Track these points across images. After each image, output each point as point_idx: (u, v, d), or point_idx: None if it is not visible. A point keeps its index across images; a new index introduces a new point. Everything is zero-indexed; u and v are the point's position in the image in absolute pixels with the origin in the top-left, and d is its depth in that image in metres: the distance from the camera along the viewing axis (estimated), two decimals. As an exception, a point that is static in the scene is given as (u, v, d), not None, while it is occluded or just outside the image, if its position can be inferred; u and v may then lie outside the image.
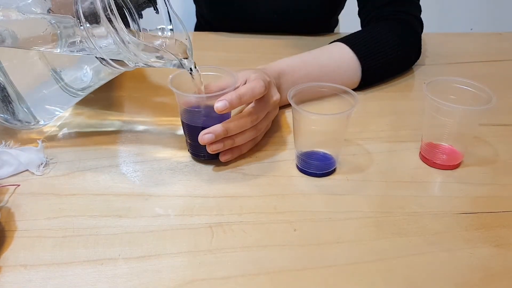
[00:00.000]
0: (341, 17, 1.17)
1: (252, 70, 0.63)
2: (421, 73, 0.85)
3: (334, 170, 0.59)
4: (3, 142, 0.61)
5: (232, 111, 0.58)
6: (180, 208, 0.52)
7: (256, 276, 0.45)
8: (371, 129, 0.68)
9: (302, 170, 0.58)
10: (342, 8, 1.05)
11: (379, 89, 0.80)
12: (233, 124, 0.57)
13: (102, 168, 0.58)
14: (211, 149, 0.57)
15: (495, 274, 0.46)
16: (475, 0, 2.19)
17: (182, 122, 0.59)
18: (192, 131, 0.58)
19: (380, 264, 0.46)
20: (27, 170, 0.57)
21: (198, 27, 1.15)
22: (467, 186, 0.57)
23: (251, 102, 0.60)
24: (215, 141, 0.56)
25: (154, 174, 0.57)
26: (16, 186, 0.55)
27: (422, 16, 0.86)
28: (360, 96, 0.77)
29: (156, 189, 0.55)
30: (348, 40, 0.78)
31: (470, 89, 0.59)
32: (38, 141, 0.60)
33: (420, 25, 0.85)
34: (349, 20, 1.25)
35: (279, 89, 0.67)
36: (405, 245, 0.48)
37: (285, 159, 0.61)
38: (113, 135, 0.65)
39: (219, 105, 0.54)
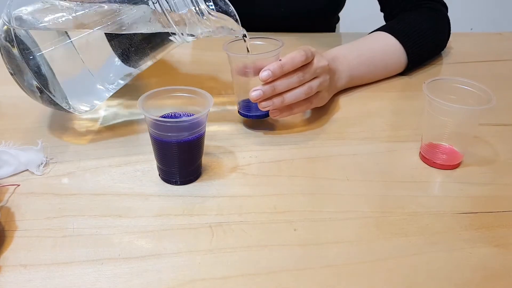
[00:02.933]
0: (342, 16, 1.17)
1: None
2: (421, 73, 0.85)
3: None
4: (3, 142, 0.61)
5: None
6: (180, 208, 0.52)
7: (256, 276, 0.45)
8: (371, 129, 0.68)
9: (243, 114, 0.66)
10: (343, 5, 1.06)
11: (379, 89, 0.80)
12: (279, 81, 0.61)
13: (102, 168, 0.58)
14: (261, 106, 0.62)
15: (495, 274, 0.46)
16: (475, 0, 2.19)
17: (153, 146, 0.55)
18: (164, 155, 0.55)
19: (380, 264, 0.46)
20: (27, 170, 0.57)
21: None
22: (467, 186, 0.57)
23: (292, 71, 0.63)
24: (264, 99, 0.61)
25: (154, 174, 0.57)
26: (16, 186, 0.55)
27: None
28: (360, 95, 0.77)
29: (156, 189, 0.55)
30: (387, 28, 0.83)
31: (470, 89, 0.59)
32: (38, 141, 0.60)
33: (445, 8, 0.91)
34: (349, 19, 1.25)
35: (335, 73, 0.73)
36: (405, 245, 0.48)
37: (285, 158, 0.61)
38: (113, 135, 0.65)
39: (263, 74, 0.60)
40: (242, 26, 0.63)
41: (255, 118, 0.66)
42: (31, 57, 0.56)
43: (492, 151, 0.64)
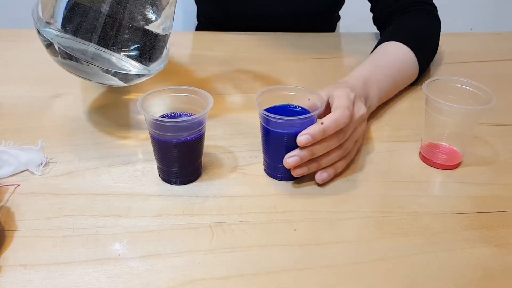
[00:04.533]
0: (342, 15, 1.17)
1: (335, 86, 0.61)
2: (421, 73, 0.85)
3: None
4: (3, 142, 0.61)
5: None
6: (180, 208, 0.52)
7: (256, 276, 0.45)
8: (371, 129, 0.68)
9: (270, 174, 0.58)
10: (343, 4, 1.07)
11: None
12: (319, 146, 0.54)
13: (102, 168, 0.58)
14: (295, 173, 0.55)
15: (495, 274, 0.46)
16: (475, 0, 2.19)
17: (153, 146, 0.55)
18: (164, 155, 0.54)
19: (380, 264, 0.46)
20: (27, 170, 0.57)
21: (199, 29, 1.15)
22: (467, 186, 0.57)
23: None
24: (300, 164, 0.54)
25: (154, 174, 0.57)
26: (16, 186, 0.55)
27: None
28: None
29: (156, 189, 0.55)
30: (396, 36, 0.79)
31: (470, 89, 0.59)
32: (38, 141, 0.60)
33: (436, 9, 0.89)
34: (350, 19, 1.25)
35: (368, 99, 0.66)
36: (405, 245, 0.48)
37: (285, 159, 0.61)
38: (113, 135, 0.65)
39: (302, 139, 0.52)
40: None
41: (284, 180, 0.57)
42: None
43: (492, 151, 0.64)
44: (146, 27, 0.59)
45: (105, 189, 0.55)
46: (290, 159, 0.54)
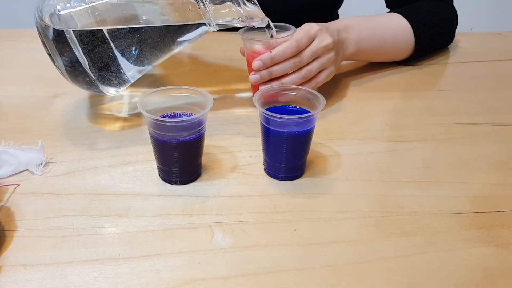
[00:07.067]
0: (341, 14, 1.17)
1: (308, 23, 0.69)
2: (421, 73, 0.86)
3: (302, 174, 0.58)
4: (3, 142, 0.61)
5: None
6: (180, 208, 0.52)
7: (256, 276, 0.45)
8: (371, 129, 0.68)
9: (270, 174, 0.58)
10: (342, 2, 1.07)
11: (379, 89, 0.80)
12: (276, 67, 0.65)
13: (102, 168, 0.58)
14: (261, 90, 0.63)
15: (495, 274, 0.46)
16: (475, 0, 2.19)
17: (153, 146, 0.55)
18: (164, 155, 0.55)
19: (380, 263, 0.46)
20: (27, 169, 0.57)
21: None
22: (467, 186, 0.57)
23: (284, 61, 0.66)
24: (263, 82, 0.66)
25: (154, 174, 0.57)
26: (16, 185, 0.55)
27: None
28: (360, 95, 0.77)
29: (156, 189, 0.55)
30: (397, 11, 0.85)
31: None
32: (38, 141, 0.60)
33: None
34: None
35: (344, 43, 0.74)
36: (405, 245, 0.48)
37: (285, 159, 0.61)
38: (113, 134, 0.65)
39: (255, 64, 0.64)
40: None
41: (284, 180, 0.57)
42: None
43: (492, 151, 0.64)
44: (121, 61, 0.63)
45: (105, 189, 0.55)
46: (252, 76, 0.66)
